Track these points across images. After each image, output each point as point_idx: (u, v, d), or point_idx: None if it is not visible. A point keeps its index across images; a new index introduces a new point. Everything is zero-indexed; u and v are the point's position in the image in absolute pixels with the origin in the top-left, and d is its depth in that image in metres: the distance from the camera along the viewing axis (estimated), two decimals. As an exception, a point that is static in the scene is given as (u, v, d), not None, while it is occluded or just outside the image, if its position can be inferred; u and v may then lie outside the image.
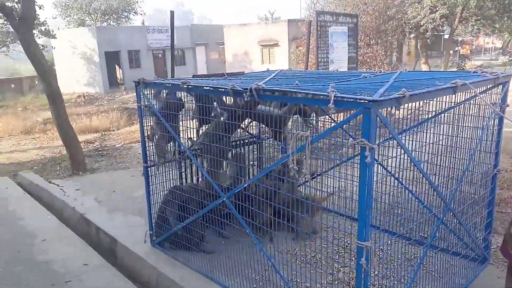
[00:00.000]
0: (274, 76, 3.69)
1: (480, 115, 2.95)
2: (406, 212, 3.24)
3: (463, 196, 3.01)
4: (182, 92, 3.45)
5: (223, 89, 2.84)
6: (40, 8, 8.56)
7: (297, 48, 18.32)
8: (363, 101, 1.98)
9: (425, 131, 2.77)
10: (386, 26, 11.85)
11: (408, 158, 2.36)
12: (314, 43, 8.79)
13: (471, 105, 2.96)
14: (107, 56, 25.45)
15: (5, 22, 19.37)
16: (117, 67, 27.47)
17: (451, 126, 2.99)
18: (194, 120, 3.79)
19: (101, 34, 25.20)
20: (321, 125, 4.47)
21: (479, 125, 2.93)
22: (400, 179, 2.98)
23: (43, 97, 22.85)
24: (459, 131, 2.97)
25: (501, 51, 38.42)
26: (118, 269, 4.13)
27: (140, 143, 9.16)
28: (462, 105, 2.92)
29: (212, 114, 3.81)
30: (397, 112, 2.19)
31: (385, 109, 2.14)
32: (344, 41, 9.59)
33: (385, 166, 3.06)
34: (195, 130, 3.78)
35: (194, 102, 3.71)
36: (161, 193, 3.98)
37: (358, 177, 2.13)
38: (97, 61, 25.10)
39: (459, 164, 2.99)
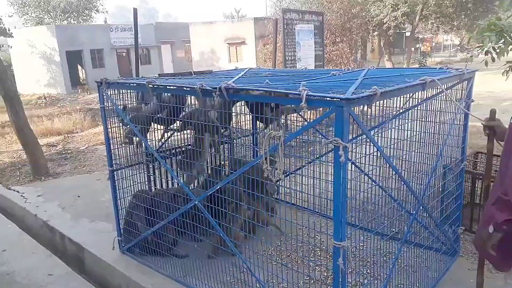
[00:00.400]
0: (243, 75, 3.63)
1: (447, 110, 3.01)
2: (379, 208, 3.27)
3: (434, 191, 3.06)
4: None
5: (190, 89, 2.75)
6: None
7: (264, 46, 18.34)
8: (335, 99, 1.96)
9: (395, 127, 2.79)
10: (351, 23, 12.04)
11: (380, 155, 2.37)
12: (281, 41, 8.80)
13: (439, 101, 3.01)
14: (68, 56, 24.55)
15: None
16: (79, 66, 26.58)
17: (420, 122, 3.03)
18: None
19: (61, 33, 24.27)
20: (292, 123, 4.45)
21: (446, 120, 2.99)
22: (373, 176, 2.99)
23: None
24: (428, 127, 3.02)
25: (459, 48, 40.11)
26: (86, 277, 3.97)
27: (104, 146, 8.95)
28: (430, 101, 2.96)
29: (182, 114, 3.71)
30: (368, 110, 2.18)
31: (357, 107, 2.12)
32: (311, 39, 9.66)
33: (358, 164, 3.07)
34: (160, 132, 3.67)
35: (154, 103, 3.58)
36: (129, 197, 3.84)
37: (330, 175, 2.11)
38: (58, 60, 24.17)
39: (428, 159, 3.04)
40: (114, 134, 3.68)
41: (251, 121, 4.61)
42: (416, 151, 3.03)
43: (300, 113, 4.43)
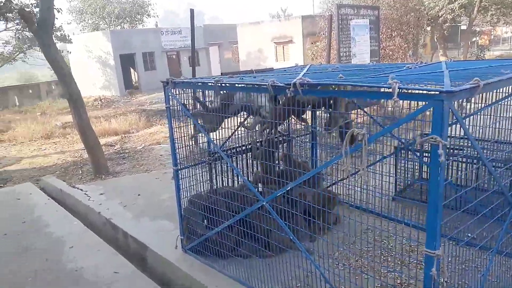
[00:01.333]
0: (307, 71, 3.48)
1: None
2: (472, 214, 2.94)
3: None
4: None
5: (261, 86, 2.64)
6: (58, 11, 8.51)
7: (312, 44, 18.01)
8: (433, 92, 1.76)
9: (489, 126, 2.52)
10: (408, 17, 11.49)
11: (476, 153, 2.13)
12: (334, 37, 8.54)
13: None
14: (122, 59, 25.53)
15: (22, 28, 19.60)
16: (132, 69, 27.57)
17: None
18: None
19: (115, 38, 25.28)
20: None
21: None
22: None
23: (61, 101, 23.09)
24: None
25: (520, 40, 37.42)
26: (149, 276, 3.99)
27: (160, 145, 9.13)
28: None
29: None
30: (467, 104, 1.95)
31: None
32: (366, 34, 9.32)
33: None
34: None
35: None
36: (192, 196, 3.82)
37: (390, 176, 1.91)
38: (112, 64, 25.19)
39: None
40: (178, 134, 3.66)
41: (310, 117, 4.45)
42: None
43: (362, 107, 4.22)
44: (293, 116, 3.60)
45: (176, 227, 4.36)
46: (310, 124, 4.48)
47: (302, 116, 3.71)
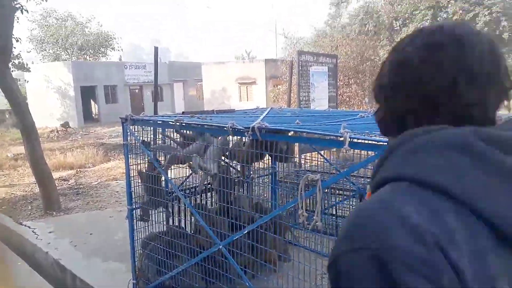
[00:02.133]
0: (267, 114, 3.60)
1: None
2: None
3: None
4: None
5: (221, 128, 2.70)
6: (17, 41, 8.35)
7: (275, 87, 18.58)
8: (382, 143, 1.88)
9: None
10: (364, 66, 12.22)
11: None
12: (295, 82, 8.88)
13: None
14: (82, 91, 25.09)
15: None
16: (92, 102, 27.08)
17: None
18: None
19: (77, 69, 24.93)
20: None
21: None
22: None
23: (13, 131, 22.10)
24: None
25: None
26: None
27: (117, 181, 8.88)
28: None
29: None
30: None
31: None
32: (325, 81, 9.76)
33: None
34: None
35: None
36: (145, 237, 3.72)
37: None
38: (72, 95, 24.67)
39: None
40: (135, 172, 3.61)
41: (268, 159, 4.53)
42: None
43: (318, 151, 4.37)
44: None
45: (128, 269, 4.19)
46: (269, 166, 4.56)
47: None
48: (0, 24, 6.39)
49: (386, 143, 1.85)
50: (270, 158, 4.47)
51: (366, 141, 1.94)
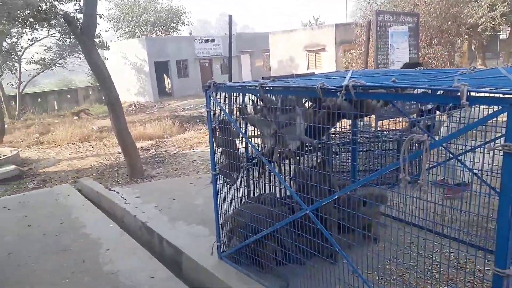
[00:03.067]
0: (351, 76, 3.36)
1: None
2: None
3: None
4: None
5: (309, 89, 2.54)
6: (100, 17, 8.78)
7: (345, 52, 17.78)
8: (509, 96, 1.61)
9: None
10: (449, 25, 11.11)
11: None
12: (372, 44, 8.36)
13: None
14: (156, 66, 26.10)
15: (64, 35, 20.39)
16: (165, 76, 28.13)
17: None
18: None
19: (151, 45, 25.90)
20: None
21: None
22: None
23: (97, 106, 23.82)
24: None
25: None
26: (184, 281, 3.93)
27: (194, 150, 9.16)
28: None
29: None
30: None
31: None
32: (405, 42, 9.07)
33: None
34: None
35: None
36: (229, 202, 3.75)
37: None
38: (147, 71, 25.78)
39: None
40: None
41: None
42: None
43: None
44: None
45: (211, 232, 4.30)
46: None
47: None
48: (85, 3, 6.71)
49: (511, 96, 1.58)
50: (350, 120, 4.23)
51: (489, 95, 1.68)
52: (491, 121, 1.83)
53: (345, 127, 4.12)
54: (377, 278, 3.21)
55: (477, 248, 3.19)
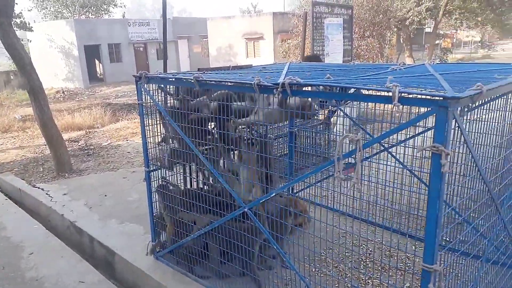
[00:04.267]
0: (288, 69, 3.33)
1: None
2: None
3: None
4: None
5: (246, 85, 2.46)
6: (17, -3, 7.96)
7: (283, 42, 17.95)
8: (437, 98, 1.65)
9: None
10: (380, 18, 11.61)
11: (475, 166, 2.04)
12: (308, 35, 8.47)
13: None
14: (86, 50, 24.55)
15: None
16: (97, 61, 26.60)
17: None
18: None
19: (80, 27, 24.25)
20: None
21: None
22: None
23: (20, 92, 21.89)
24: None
25: (479, 44, 39.20)
26: (117, 284, 3.74)
27: (128, 141, 8.75)
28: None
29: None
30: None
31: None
32: (339, 33, 9.31)
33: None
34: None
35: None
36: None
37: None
38: (76, 55, 24.18)
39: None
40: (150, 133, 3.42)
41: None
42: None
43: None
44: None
45: (146, 231, 4.13)
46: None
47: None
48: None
49: (442, 98, 1.62)
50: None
51: (419, 96, 1.71)
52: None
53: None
54: (313, 270, 3.26)
55: (408, 236, 3.36)
